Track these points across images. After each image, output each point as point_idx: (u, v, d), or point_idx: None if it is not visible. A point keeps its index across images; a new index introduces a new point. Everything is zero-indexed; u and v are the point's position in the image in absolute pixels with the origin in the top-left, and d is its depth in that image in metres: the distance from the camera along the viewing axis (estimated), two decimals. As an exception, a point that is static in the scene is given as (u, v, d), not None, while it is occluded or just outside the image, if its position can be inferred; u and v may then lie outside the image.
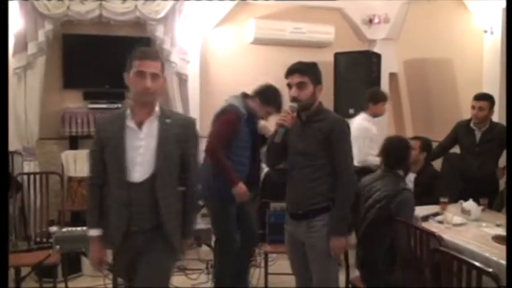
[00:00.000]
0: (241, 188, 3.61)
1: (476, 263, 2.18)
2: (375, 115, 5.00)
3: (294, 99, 2.74)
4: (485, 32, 5.24)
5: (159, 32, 5.77)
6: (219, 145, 3.61)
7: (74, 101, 5.90)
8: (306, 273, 2.87)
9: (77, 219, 5.22)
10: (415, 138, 4.33)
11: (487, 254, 2.74)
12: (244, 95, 3.87)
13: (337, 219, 2.72)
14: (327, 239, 2.71)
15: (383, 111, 5.05)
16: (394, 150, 3.25)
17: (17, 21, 5.26)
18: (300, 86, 2.73)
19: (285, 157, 2.96)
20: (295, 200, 2.85)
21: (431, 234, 2.67)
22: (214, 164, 3.63)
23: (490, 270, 2.09)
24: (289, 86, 2.78)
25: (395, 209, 2.99)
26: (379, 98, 5.00)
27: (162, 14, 5.71)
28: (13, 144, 5.43)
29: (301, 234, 2.81)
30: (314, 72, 2.79)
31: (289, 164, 2.91)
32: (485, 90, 4.78)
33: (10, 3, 5.21)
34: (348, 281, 3.51)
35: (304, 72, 2.74)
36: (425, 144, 4.23)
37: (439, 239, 2.60)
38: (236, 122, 3.63)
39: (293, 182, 2.86)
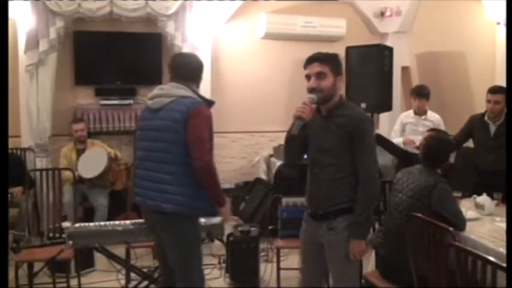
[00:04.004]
0: (227, 209, 3.03)
1: (491, 258, 2.15)
2: (414, 110, 5.14)
3: (313, 90, 2.57)
4: (498, 23, 5.18)
5: (170, 28, 5.78)
6: (211, 155, 2.78)
7: (85, 98, 5.95)
8: (316, 275, 2.83)
9: (89, 215, 5.27)
10: (432, 130, 4.30)
11: (501, 249, 2.71)
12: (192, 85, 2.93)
13: (357, 222, 2.59)
14: (348, 242, 2.61)
15: (414, 105, 5.11)
16: (437, 151, 3.16)
17: (28, 19, 5.30)
18: (320, 76, 2.57)
19: (304, 153, 2.84)
20: (316, 200, 2.70)
21: (446, 230, 2.64)
22: (207, 178, 2.76)
23: (504, 265, 2.06)
24: (308, 77, 2.61)
25: (436, 203, 2.94)
26: (411, 91, 5.17)
27: (172, 10, 5.71)
28: (26, 141, 5.50)
29: (321, 235, 2.69)
30: (335, 62, 2.63)
31: (310, 162, 2.76)
32: (498, 82, 4.72)
33: (21, 1, 5.26)
34: (361, 276, 3.48)
35: (324, 61, 2.58)
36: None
37: (453, 234, 2.57)
38: (211, 122, 2.83)
39: (314, 181, 2.70)
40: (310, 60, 2.62)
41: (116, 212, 5.10)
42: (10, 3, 5.12)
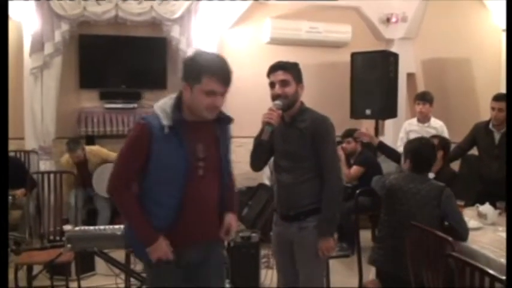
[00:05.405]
0: (160, 247, 2.24)
1: (490, 270, 2.11)
2: (417, 117, 5.11)
3: (278, 97, 2.70)
4: (504, 30, 5.13)
5: (175, 32, 5.79)
6: (121, 179, 2.27)
7: (90, 101, 5.96)
8: (293, 273, 2.88)
9: (93, 217, 5.28)
10: (433, 137, 4.27)
11: (502, 260, 2.67)
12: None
13: (324, 220, 2.71)
14: (317, 240, 2.71)
15: (417, 111, 5.09)
16: (424, 154, 3.18)
17: (33, 22, 5.33)
18: (284, 83, 2.70)
19: (269, 159, 2.95)
20: (286, 202, 2.82)
21: (445, 240, 2.61)
22: (118, 207, 2.36)
23: (503, 277, 2.03)
24: (272, 84, 2.74)
25: (444, 209, 2.96)
26: (414, 97, 5.18)
27: (177, 14, 5.72)
28: (29, 143, 5.52)
29: (292, 234, 2.79)
30: (296, 70, 2.76)
31: (276, 167, 2.88)
32: (503, 89, 4.67)
33: (27, 4, 5.28)
34: (360, 285, 3.46)
35: (287, 69, 2.72)
36: (443, 142, 4.17)
37: (452, 245, 2.54)
38: (137, 141, 2.24)
39: (282, 184, 2.82)
40: (274, 69, 2.75)
41: (118, 215, 5.10)
42: (15, 6, 5.17)
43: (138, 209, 2.26)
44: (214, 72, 2.24)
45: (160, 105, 2.27)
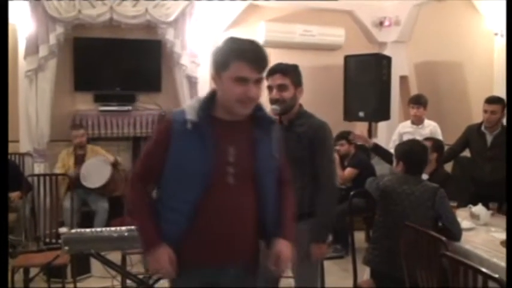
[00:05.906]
0: (159, 257, 1.93)
1: (483, 269, 2.15)
2: (411, 120, 5.15)
3: (275, 101, 2.67)
4: (496, 34, 5.19)
5: (170, 35, 5.80)
6: (135, 175, 2.06)
7: (84, 103, 5.96)
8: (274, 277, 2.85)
9: (87, 219, 5.28)
10: (427, 139, 4.31)
11: (495, 260, 2.72)
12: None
13: (319, 226, 2.69)
14: (310, 245, 2.70)
15: (411, 114, 5.13)
16: (417, 156, 3.22)
17: (28, 24, 5.33)
18: (281, 87, 2.65)
19: None
20: None
21: (438, 240, 2.65)
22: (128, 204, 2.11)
23: (497, 276, 2.07)
24: (270, 88, 2.69)
25: (438, 210, 2.99)
26: (408, 101, 5.24)
27: (172, 17, 5.74)
28: (24, 146, 5.51)
29: None
30: (296, 73, 2.72)
31: None
32: (496, 93, 4.72)
33: (22, 6, 5.28)
34: (355, 286, 3.48)
35: (286, 73, 2.66)
36: (437, 144, 4.21)
37: (446, 244, 2.58)
38: (157, 136, 2.02)
39: None
40: (273, 72, 2.67)
41: (113, 216, 5.11)
42: (10, 8, 5.15)
43: (146, 208, 1.99)
44: (243, 55, 1.87)
45: (192, 101, 2.04)
